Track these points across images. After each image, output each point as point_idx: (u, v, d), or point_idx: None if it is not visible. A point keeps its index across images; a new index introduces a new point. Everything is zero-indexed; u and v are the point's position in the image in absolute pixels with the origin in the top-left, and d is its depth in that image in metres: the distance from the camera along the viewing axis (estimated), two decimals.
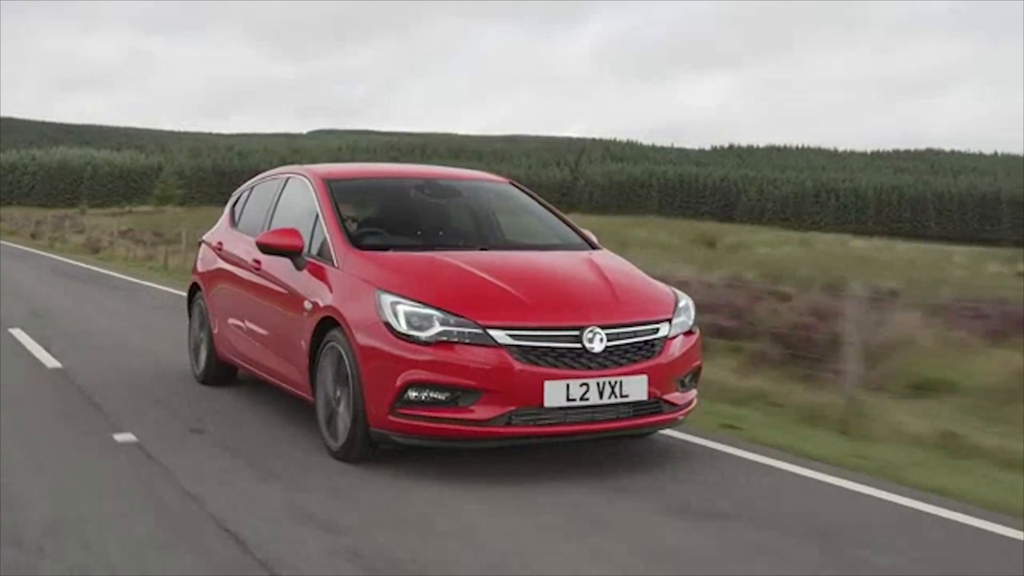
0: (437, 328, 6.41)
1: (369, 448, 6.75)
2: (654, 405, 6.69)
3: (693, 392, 7.18)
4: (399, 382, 6.38)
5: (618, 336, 6.60)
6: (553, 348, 6.41)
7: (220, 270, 9.44)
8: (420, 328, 6.42)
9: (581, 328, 6.47)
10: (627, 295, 7.02)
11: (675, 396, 6.87)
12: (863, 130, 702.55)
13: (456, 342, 6.38)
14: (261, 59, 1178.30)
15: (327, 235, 7.60)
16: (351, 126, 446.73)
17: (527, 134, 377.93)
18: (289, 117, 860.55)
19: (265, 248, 7.93)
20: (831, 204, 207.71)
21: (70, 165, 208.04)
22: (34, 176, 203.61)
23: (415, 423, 6.40)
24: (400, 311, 6.51)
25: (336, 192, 7.99)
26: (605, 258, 7.79)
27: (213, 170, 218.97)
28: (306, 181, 8.31)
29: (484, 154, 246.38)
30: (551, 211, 8.56)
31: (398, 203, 8.45)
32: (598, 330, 6.50)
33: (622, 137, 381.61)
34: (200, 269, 10.02)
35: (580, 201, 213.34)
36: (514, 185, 8.96)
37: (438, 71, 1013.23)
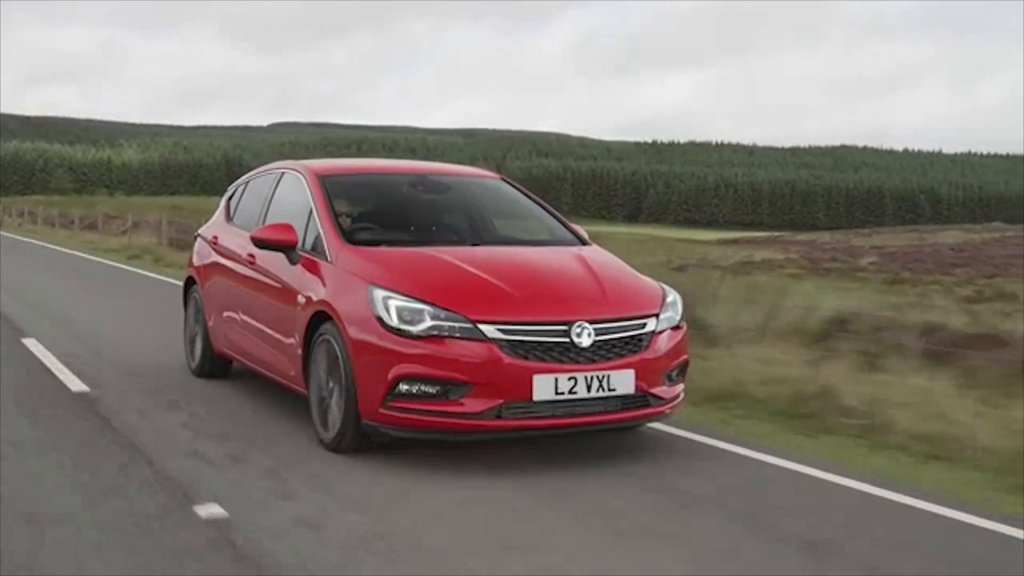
0: (428, 322, 6.29)
1: (360, 440, 6.63)
2: (641, 399, 6.55)
3: (680, 386, 6.99)
4: (390, 375, 6.27)
5: (606, 331, 6.47)
6: (542, 342, 6.29)
7: (215, 264, 9.22)
8: (411, 322, 6.31)
9: (569, 323, 6.36)
10: (615, 290, 6.90)
11: (662, 390, 6.70)
12: (799, 127, 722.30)
13: (446, 336, 6.26)
14: (234, 55, 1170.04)
15: (321, 230, 7.42)
16: (313, 120, 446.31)
17: (491, 128, 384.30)
18: (255, 111, 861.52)
19: (259, 243, 7.80)
20: (729, 198, 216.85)
21: (23, 158, 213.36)
22: None
23: (406, 416, 6.30)
24: (391, 306, 6.40)
25: (330, 187, 7.82)
26: (594, 254, 7.62)
27: (159, 163, 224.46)
28: (300, 176, 8.13)
29: (430, 148, 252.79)
30: (542, 207, 8.41)
31: (391, 199, 8.35)
32: (586, 325, 6.37)
33: (590, 133, 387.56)
34: (196, 263, 9.76)
35: None
36: (506, 181, 8.80)
37: (410, 69, 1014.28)
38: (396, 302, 6.37)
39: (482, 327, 6.22)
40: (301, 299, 7.18)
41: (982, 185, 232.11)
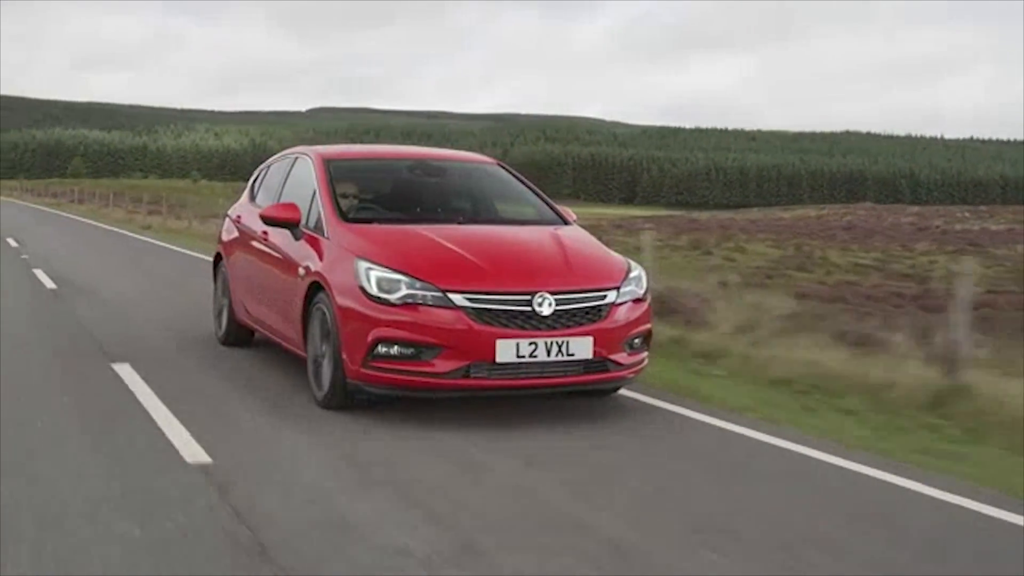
0: (404, 291, 6.68)
1: (347, 397, 7.00)
2: (600, 364, 6.89)
3: (643, 354, 7.31)
4: (370, 338, 6.66)
5: (566, 301, 6.79)
6: (505, 311, 6.63)
7: (237, 240, 9.66)
8: (389, 291, 6.70)
9: (532, 293, 6.69)
10: (580, 265, 7.25)
11: (621, 356, 7.01)
12: (826, 112, 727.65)
13: (420, 304, 6.65)
14: (281, 41, 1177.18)
15: (320, 209, 7.80)
16: (362, 105, 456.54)
17: (525, 114, 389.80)
18: (298, 97, 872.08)
19: (267, 220, 8.29)
20: (719, 181, 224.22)
21: (65, 144, 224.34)
22: (34, 153, 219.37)
23: (384, 375, 6.69)
24: (372, 276, 6.79)
25: (334, 171, 8.21)
26: (570, 232, 7.99)
27: (191, 149, 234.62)
28: (309, 160, 8.51)
29: (447, 134, 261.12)
30: (532, 190, 8.70)
31: (390, 181, 8.78)
32: (547, 295, 6.70)
33: (629, 119, 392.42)
34: (223, 239, 10.21)
35: None
36: (501, 166, 9.09)
37: (455, 55, 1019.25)
38: (376, 273, 6.77)
39: (451, 296, 6.60)
40: (301, 271, 7.59)
41: (961, 170, 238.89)
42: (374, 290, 6.77)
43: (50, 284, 14.92)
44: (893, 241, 46.93)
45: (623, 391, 7.76)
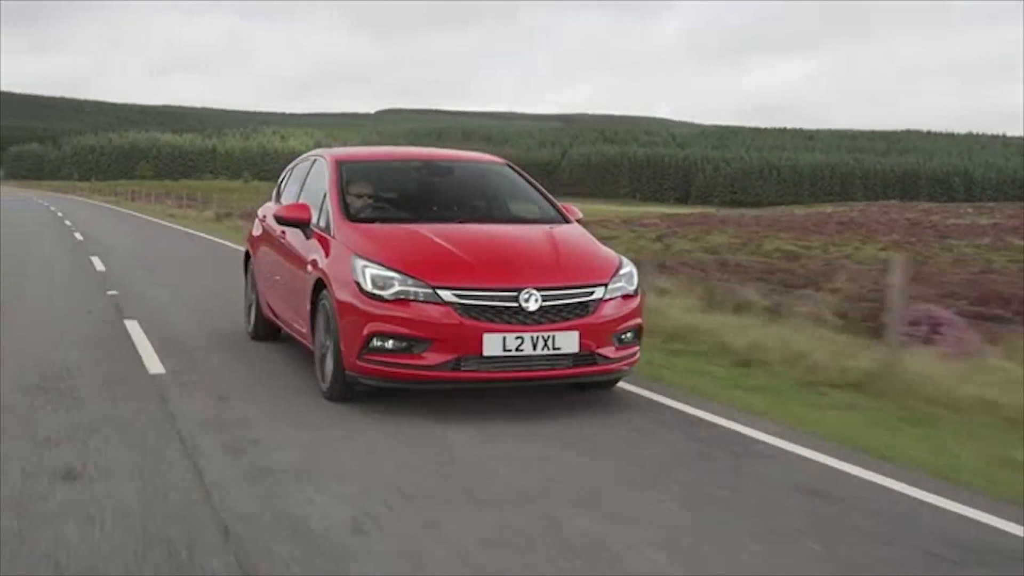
0: (396, 287, 7.02)
1: (347, 388, 7.34)
2: (588, 357, 7.15)
3: (634, 348, 7.56)
4: (365, 332, 7.00)
5: (553, 297, 7.06)
6: (492, 306, 6.93)
7: (261, 239, 10.11)
8: (383, 287, 7.04)
9: (519, 289, 6.98)
10: (570, 262, 7.52)
11: (609, 350, 7.27)
12: (890, 112, 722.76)
13: (411, 300, 6.98)
14: (354, 43, 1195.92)
15: (329, 209, 8.17)
16: (429, 106, 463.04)
17: (593, 114, 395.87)
18: (368, 98, 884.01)
19: (280, 220, 8.70)
20: (772, 180, 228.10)
21: (138, 147, 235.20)
22: (109, 156, 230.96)
23: (378, 367, 7.03)
24: (367, 273, 7.13)
25: (345, 172, 8.54)
26: (565, 230, 8.26)
27: (258, 151, 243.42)
28: (324, 162, 8.89)
29: (494, 135, 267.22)
30: (537, 189, 8.97)
31: (399, 181, 9.10)
32: (534, 291, 6.99)
33: (696, 119, 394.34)
34: (251, 238, 10.67)
35: (562, 180, 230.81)
36: (509, 166, 9.32)
37: (526, 56, 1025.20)
38: (371, 270, 7.13)
39: (441, 292, 6.95)
40: (309, 268, 8.01)
41: (1017, 168, 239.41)
42: (369, 286, 7.09)
43: (80, 237, 25.97)
44: (857, 232, 50.40)
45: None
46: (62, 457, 5.83)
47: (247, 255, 10.79)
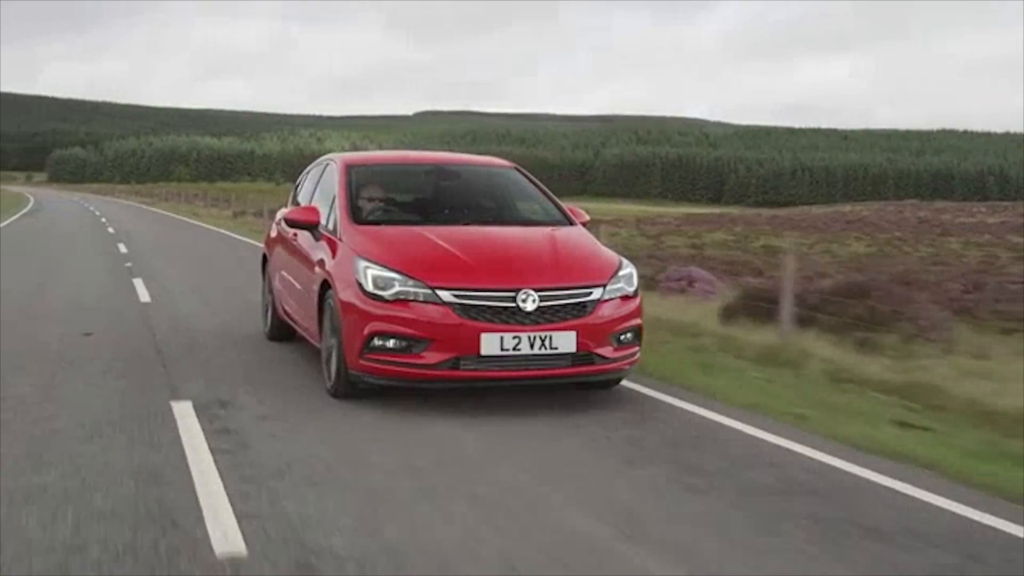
0: (396, 288, 7.19)
1: (350, 387, 7.51)
2: (586, 357, 7.28)
3: (633, 348, 7.69)
4: (366, 331, 7.17)
5: (551, 298, 7.21)
6: (490, 306, 7.08)
7: (276, 241, 10.39)
8: (384, 288, 7.21)
9: (516, 290, 7.12)
10: (568, 263, 7.66)
11: (607, 350, 7.40)
12: (929, 111, 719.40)
13: (411, 300, 7.14)
14: (395, 46, 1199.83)
15: (336, 211, 8.35)
16: (467, 108, 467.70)
17: (631, 115, 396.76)
18: (409, 100, 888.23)
19: (289, 222, 8.96)
20: (805, 181, 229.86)
21: (178, 150, 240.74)
22: (151, 160, 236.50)
23: (379, 366, 7.19)
24: (369, 274, 7.30)
25: (354, 175, 8.71)
26: (568, 232, 8.41)
27: (295, 154, 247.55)
28: (334, 166, 9.06)
29: (525, 137, 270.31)
30: (544, 192, 9.11)
31: (407, 185, 9.36)
32: (531, 292, 7.13)
33: (734, 119, 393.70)
34: (268, 239, 11.00)
35: (594, 180, 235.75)
36: (517, 170, 9.48)
37: (566, 57, 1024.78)
38: (372, 271, 7.30)
39: (440, 292, 7.10)
40: (317, 269, 8.19)
41: None
42: (370, 287, 7.26)
43: (112, 231, 30.65)
44: (862, 230, 52.90)
45: None
46: (85, 329, 10.91)
47: (264, 258, 11.14)
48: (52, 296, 14.06)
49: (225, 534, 4.57)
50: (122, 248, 23.69)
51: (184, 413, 6.93)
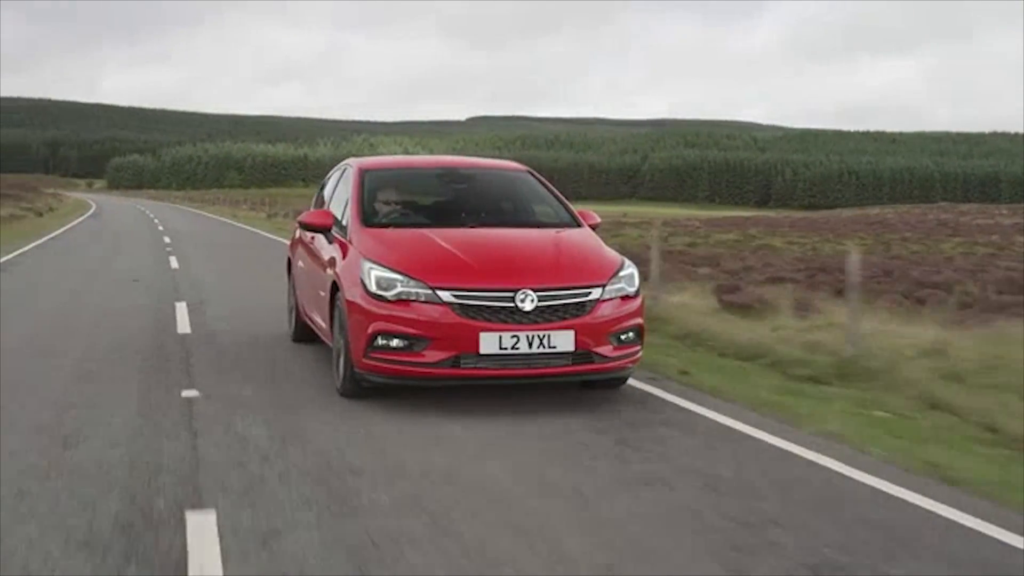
0: (399, 289, 7.42)
1: (356, 385, 7.76)
2: (585, 356, 7.48)
3: (634, 347, 7.87)
4: (369, 331, 7.42)
5: (549, 298, 7.41)
6: (489, 306, 7.30)
7: (297, 244, 10.74)
8: (386, 288, 7.45)
9: (515, 290, 7.34)
10: (569, 264, 7.85)
11: (606, 349, 7.59)
12: (987, 114, 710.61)
13: (412, 300, 7.38)
14: (450, 52, 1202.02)
15: (348, 214, 8.63)
16: (520, 113, 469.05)
17: (684, 119, 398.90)
18: (462, 105, 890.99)
19: (303, 226, 9.30)
20: (851, 184, 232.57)
21: (233, 157, 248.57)
22: (206, 166, 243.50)
23: (382, 364, 7.43)
24: (373, 275, 7.55)
25: (368, 179, 8.97)
26: (573, 233, 8.62)
27: (347, 159, 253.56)
28: (351, 170, 9.32)
29: (575, 141, 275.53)
30: (555, 195, 9.35)
31: (420, 189, 9.58)
32: (530, 292, 7.34)
33: (786, 122, 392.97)
34: (291, 243, 11.33)
35: (642, 184, 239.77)
36: (530, 173, 9.69)
37: (620, 61, 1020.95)
38: (376, 272, 7.56)
39: (440, 293, 7.33)
40: (328, 270, 8.51)
41: None
42: (374, 287, 7.53)
43: (160, 226, 37.93)
44: (875, 231, 54.15)
45: None
46: (135, 278, 18.02)
47: (288, 261, 11.50)
48: (117, 263, 22.27)
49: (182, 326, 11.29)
50: (166, 239, 31.28)
51: (181, 308, 13.39)
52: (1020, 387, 7.98)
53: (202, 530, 4.77)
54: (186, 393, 8.02)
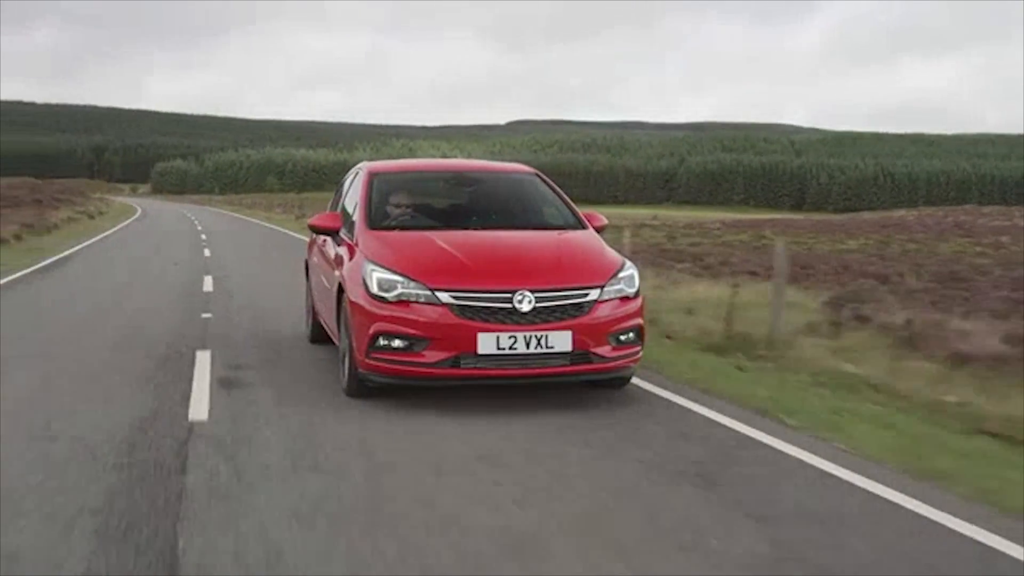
0: (399, 290, 7.60)
1: (359, 385, 7.96)
2: (583, 356, 7.62)
3: (634, 348, 8.00)
4: (371, 331, 7.59)
5: (547, 299, 7.56)
6: (487, 307, 7.46)
7: (312, 246, 11.08)
8: (387, 290, 7.62)
9: (512, 291, 7.49)
10: (568, 265, 7.99)
11: (605, 350, 7.72)
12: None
13: (412, 301, 7.56)
14: (490, 56, 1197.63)
15: (356, 217, 8.83)
16: (560, 117, 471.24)
17: (723, 122, 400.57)
18: (501, 110, 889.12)
19: (313, 228, 9.50)
20: (887, 187, 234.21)
21: (274, 162, 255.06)
22: (248, 171, 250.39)
23: (384, 365, 7.61)
24: (374, 277, 7.73)
25: (376, 183, 9.13)
26: (575, 235, 8.76)
27: None
28: (361, 174, 9.53)
29: (612, 146, 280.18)
30: (561, 198, 9.44)
31: (427, 192, 9.66)
32: (528, 293, 7.49)
33: (828, 125, 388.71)
34: (308, 246, 11.56)
35: (678, 188, 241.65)
36: (539, 176, 9.82)
37: (662, 64, 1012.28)
38: (378, 274, 7.73)
39: (439, 294, 7.50)
40: (336, 272, 8.70)
41: None
42: (375, 288, 7.71)
43: (199, 226, 43.83)
44: (888, 232, 54.93)
45: None
46: (175, 259, 24.99)
47: (307, 263, 11.72)
48: (163, 252, 28.71)
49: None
50: (203, 236, 37.53)
51: (208, 279, 18.73)
52: (721, 316, 12.49)
53: (203, 358, 10.04)
54: (204, 315, 13.50)
